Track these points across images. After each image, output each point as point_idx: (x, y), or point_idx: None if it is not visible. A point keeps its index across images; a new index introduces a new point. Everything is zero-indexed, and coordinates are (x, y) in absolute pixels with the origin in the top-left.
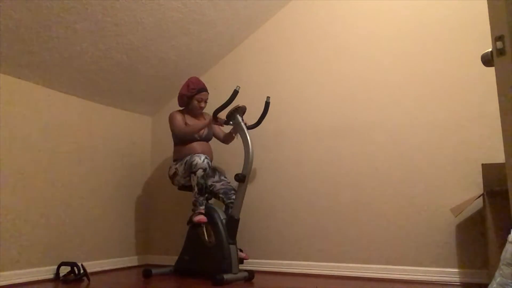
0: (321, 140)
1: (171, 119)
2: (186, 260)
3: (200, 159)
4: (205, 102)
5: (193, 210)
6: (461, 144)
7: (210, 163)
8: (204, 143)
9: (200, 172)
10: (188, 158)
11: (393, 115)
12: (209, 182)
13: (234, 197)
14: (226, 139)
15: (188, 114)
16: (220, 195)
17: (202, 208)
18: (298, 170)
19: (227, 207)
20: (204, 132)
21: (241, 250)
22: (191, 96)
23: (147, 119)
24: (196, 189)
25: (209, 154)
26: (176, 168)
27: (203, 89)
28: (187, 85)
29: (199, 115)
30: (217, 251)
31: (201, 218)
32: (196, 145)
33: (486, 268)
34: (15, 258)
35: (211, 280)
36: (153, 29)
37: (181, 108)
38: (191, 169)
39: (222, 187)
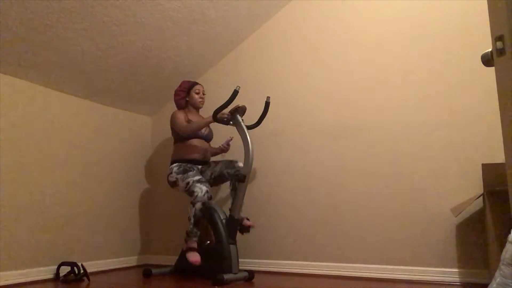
0: (321, 140)
1: (173, 117)
2: (186, 260)
3: (201, 192)
4: (203, 94)
5: (186, 240)
6: (461, 144)
7: (211, 195)
8: (204, 142)
9: (199, 205)
10: (190, 181)
11: (393, 115)
12: (209, 172)
13: (237, 164)
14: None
15: (190, 113)
16: (224, 171)
17: (195, 240)
18: (298, 170)
19: (234, 176)
20: (206, 131)
21: (247, 219)
22: (189, 89)
23: (147, 119)
24: (192, 220)
25: (208, 154)
26: (177, 178)
27: (196, 83)
28: (179, 86)
29: (200, 116)
30: (217, 251)
31: (196, 259)
32: (196, 142)
33: (486, 268)
34: (15, 258)
35: (211, 280)
36: (153, 29)
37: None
38: (190, 197)
39: (224, 163)
